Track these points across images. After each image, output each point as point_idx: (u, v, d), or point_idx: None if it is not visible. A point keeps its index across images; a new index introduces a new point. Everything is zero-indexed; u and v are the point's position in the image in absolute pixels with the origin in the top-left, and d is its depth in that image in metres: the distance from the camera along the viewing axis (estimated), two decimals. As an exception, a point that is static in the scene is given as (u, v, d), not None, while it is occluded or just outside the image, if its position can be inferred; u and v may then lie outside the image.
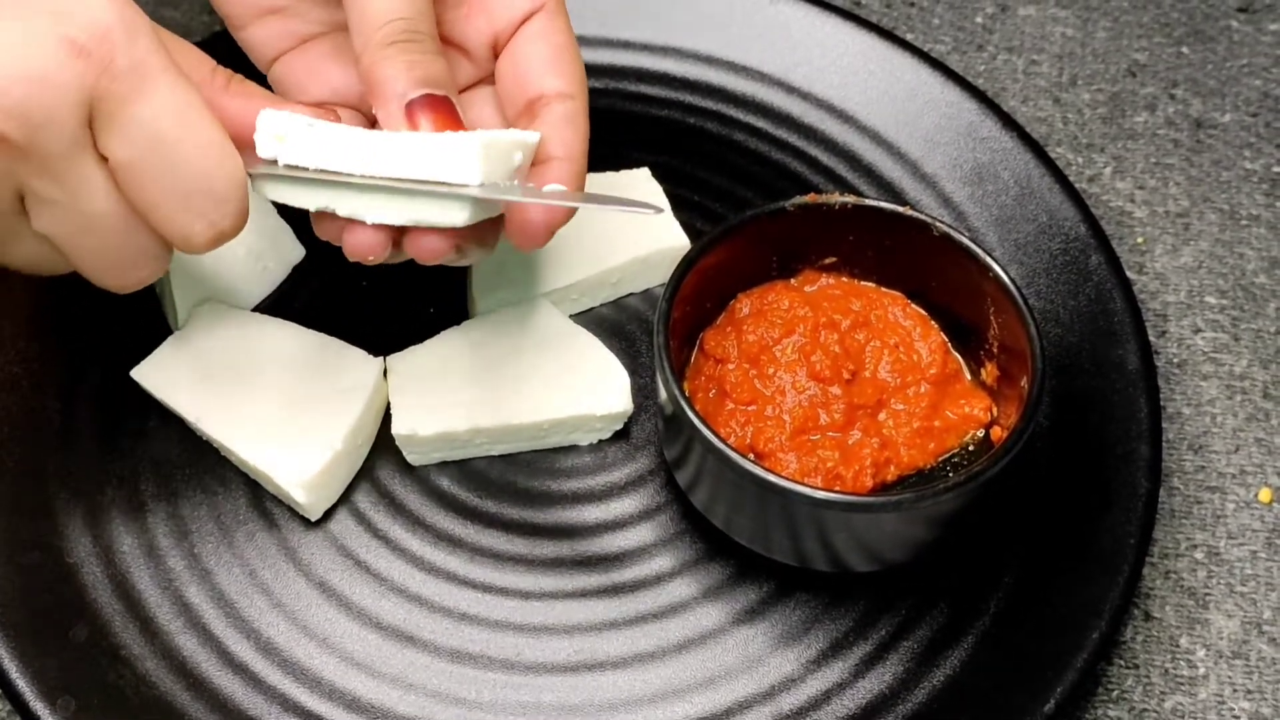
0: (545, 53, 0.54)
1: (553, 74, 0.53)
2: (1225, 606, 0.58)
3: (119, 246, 0.47)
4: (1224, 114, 0.73)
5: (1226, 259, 0.68)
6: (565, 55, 0.54)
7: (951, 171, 0.67)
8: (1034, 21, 0.77)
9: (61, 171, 0.45)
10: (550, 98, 0.53)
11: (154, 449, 0.59)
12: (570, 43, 0.54)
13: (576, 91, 0.53)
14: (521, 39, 0.54)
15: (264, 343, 0.60)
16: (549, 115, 0.53)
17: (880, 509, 0.52)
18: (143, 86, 0.44)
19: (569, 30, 0.54)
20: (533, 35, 0.54)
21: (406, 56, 0.50)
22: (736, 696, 0.54)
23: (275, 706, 0.53)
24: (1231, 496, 0.61)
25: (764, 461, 0.55)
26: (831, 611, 0.56)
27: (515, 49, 0.54)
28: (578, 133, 0.53)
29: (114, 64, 0.44)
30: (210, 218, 0.47)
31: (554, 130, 0.52)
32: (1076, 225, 0.64)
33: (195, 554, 0.57)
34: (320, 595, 0.56)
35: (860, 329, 0.59)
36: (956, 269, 0.57)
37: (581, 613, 0.56)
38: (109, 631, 0.54)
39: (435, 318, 0.63)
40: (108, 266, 0.48)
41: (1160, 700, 0.56)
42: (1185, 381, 0.64)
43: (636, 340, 0.63)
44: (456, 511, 0.59)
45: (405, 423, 0.58)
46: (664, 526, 0.58)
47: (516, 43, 0.54)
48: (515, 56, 0.54)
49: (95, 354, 0.61)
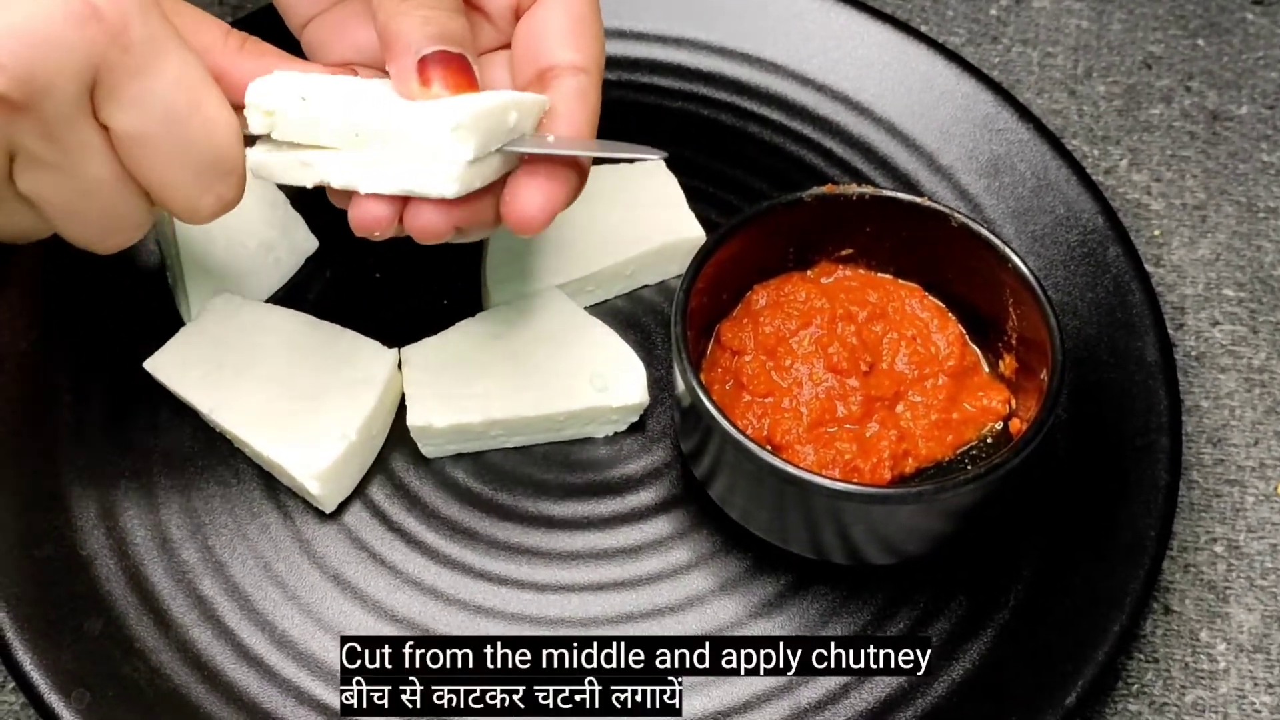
0: (563, 23, 0.52)
1: (568, 45, 0.51)
2: (1245, 600, 0.57)
3: (108, 212, 0.47)
4: (1240, 106, 0.73)
5: (1244, 251, 0.68)
6: (584, 27, 0.52)
7: (967, 164, 0.67)
8: (1049, 13, 0.77)
9: (60, 135, 0.44)
10: (562, 69, 0.51)
11: (167, 441, 0.59)
12: (592, 15, 0.52)
13: (591, 66, 0.51)
14: (542, 5, 0.52)
15: (277, 334, 0.60)
16: (559, 88, 0.51)
17: (899, 501, 0.51)
18: (155, 60, 0.44)
19: (593, 2, 0.53)
20: (554, 3, 0.52)
21: (423, 12, 0.49)
22: (755, 689, 0.54)
23: (290, 699, 0.53)
24: (1251, 490, 0.60)
25: (781, 454, 0.54)
26: (849, 605, 0.56)
27: (534, 15, 0.52)
28: (587, 108, 0.51)
29: (127, 34, 0.43)
30: (217, 190, 0.47)
31: (562, 104, 0.50)
32: (1094, 217, 0.64)
33: (209, 546, 0.56)
34: (335, 588, 0.56)
35: (877, 321, 0.58)
36: (974, 260, 0.57)
37: (598, 606, 0.56)
38: (123, 624, 0.54)
39: (449, 309, 0.63)
40: (93, 231, 0.48)
41: (1181, 694, 0.55)
42: (1204, 374, 0.64)
43: (652, 332, 0.63)
44: (471, 504, 0.58)
45: (420, 414, 0.58)
46: (680, 520, 0.58)
47: (537, 9, 0.52)
48: (533, 23, 0.52)
49: (108, 346, 0.61)
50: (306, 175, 0.49)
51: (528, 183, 0.49)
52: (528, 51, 0.52)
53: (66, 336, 0.61)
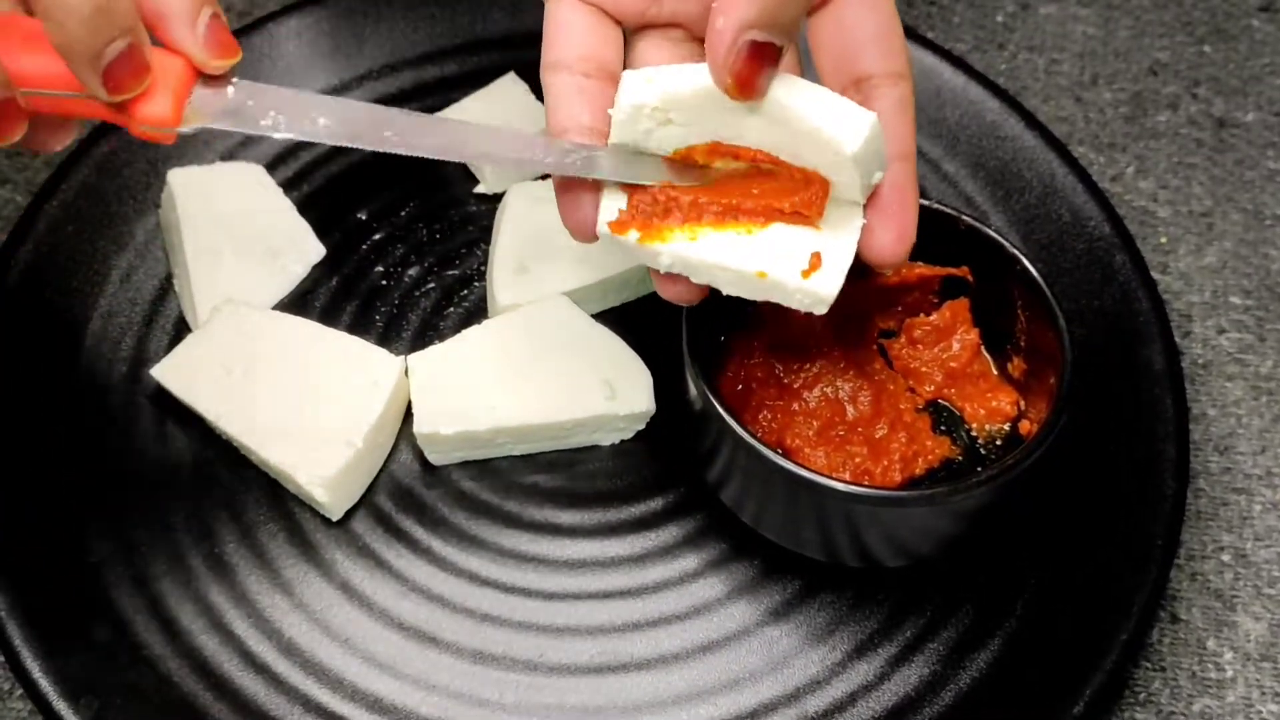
0: (872, 25, 0.48)
1: (882, 51, 0.48)
2: (1253, 609, 0.57)
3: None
4: (1247, 113, 0.73)
5: (1251, 259, 0.68)
6: (895, 27, 0.48)
7: (974, 170, 0.67)
8: (1055, 20, 0.77)
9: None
10: (880, 79, 0.48)
11: (174, 448, 0.59)
12: (896, 12, 0.49)
13: (909, 73, 0.48)
14: (842, 5, 0.49)
15: (284, 341, 0.60)
16: (880, 101, 0.48)
17: (913, 503, 0.51)
18: None
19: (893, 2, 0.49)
20: (855, 1, 0.48)
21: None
22: (761, 698, 0.54)
23: (297, 707, 0.53)
24: (1258, 498, 0.60)
25: (793, 457, 0.54)
26: (857, 612, 0.56)
27: (836, 16, 0.49)
28: (910, 121, 0.48)
29: None
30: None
31: (889, 118, 0.47)
32: (1100, 225, 0.64)
33: (216, 554, 0.56)
34: (341, 595, 0.56)
35: (887, 322, 0.58)
36: (982, 263, 0.57)
37: (605, 614, 0.56)
38: (131, 631, 0.54)
39: (456, 316, 0.63)
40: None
41: (1188, 703, 0.55)
42: (1210, 382, 0.64)
43: (659, 339, 0.63)
44: (478, 511, 0.58)
45: (427, 422, 0.58)
46: (687, 527, 0.58)
47: (837, 8, 0.49)
48: (840, 26, 0.49)
49: (115, 352, 0.61)
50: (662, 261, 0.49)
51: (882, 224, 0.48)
52: (835, 56, 0.49)
53: (74, 343, 0.61)
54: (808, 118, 0.46)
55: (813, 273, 0.47)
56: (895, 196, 0.48)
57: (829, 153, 0.46)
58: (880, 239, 0.48)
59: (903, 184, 0.48)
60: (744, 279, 0.48)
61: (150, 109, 0.46)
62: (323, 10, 0.71)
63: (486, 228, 0.66)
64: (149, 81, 0.45)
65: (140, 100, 0.46)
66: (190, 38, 0.46)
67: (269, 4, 0.76)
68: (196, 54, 0.46)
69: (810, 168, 0.47)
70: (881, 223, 0.48)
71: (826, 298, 0.47)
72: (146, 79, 0.45)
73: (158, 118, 0.46)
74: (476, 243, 0.65)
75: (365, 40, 0.71)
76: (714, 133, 0.47)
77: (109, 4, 0.43)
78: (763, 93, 0.45)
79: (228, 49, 0.46)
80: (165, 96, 0.46)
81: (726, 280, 0.48)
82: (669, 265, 0.49)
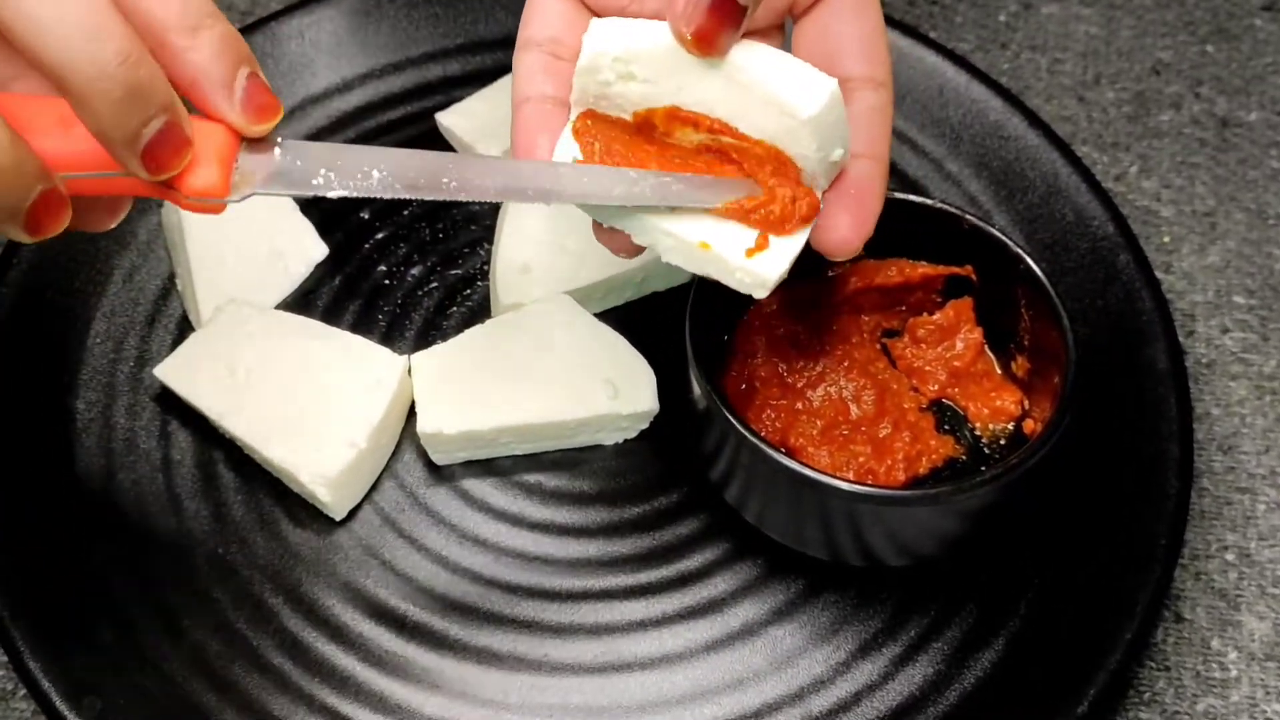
0: (857, 31, 0.48)
1: (863, 56, 0.48)
2: (1257, 608, 0.57)
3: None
4: (1250, 113, 0.73)
5: (1254, 258, 0.68)
6: (879, 36, 0.49)
7: (977, 170, 0.67)
8: (1057, 20, 0.77)
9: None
10: (859, 83, 0.48)
11: (176, 447, 0.59)
12: (883, 24, 0.49)
13: (888, 80, 0.48)
14: (828, 9, 0.49)
15: (287, 341, 0.60)
16: (856, 104, 0.47)
17: (917, 503, 0.51)
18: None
19: (880, 10, 0.49)
20: (841, 7, 0.49)
21: None
22: (766, 698, 0.54)
23: (302, 707, 0.53)
24: (1262, 497, 0.60)
25: (797, 456, 0.54)
26: (861, 612, 0.55)
27: (821, 20, 0.49)
28: (886, 129, 0.48)
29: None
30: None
31: (861, 122, 0.47)
32: (1104, 224, 0.64)
33: (219, 553, 0.56)
34: (345, 595, 0.56)
35: (890, 321, 0.58)
36: (986, 262, 0.57)
37: (609, 613, 0.56)
38: (134, 631, 0.54)
39: (459, 316, 0.63)
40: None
41: (1192, 703, 0.55)
42: (1214, 382, 0.64)
43: (662, 339, 0.63)
44: (482, 511, 0.58)
45: (430, 421, 0.58)
46: (691, 526, 0.58)
47: (823, 13, 0.49)
48: (822, 29, 0.49)
49: (118, 352, 0.61)
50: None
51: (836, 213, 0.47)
52: (818, 59, 0.48)
53: (77, 343, 0.61)
54: (766, 80, 0.45)
55: (758, 253, 0.46)
56: (859, 186, 0.47)
57: (786, 117, 0.45)
58: (835, 224, 0.47)
59: (869, 179, 0.48)
60: (686, 247, 0.47)
61: (197, 181, 0.43)
62: (325, 10, 0.70)
63: (489, 227, 0.66)
64: (190, 156, 0.43)
65: (186, 173, 0.43)
66: (228, 105, 0.43)
67: (271, 4, 0.76)
68: (236, 121, 0.44)
69: (769, 139, 0.46)
70: (839, 209, 0.47)
71: (768, 280, 0.46)
72: (188, 154, 0.43)
73: (205, 189, 0.44)
74: (479, 242, 0.65)
75: (367, 39, 0.71)
76: (674, 94, 0.46)
77: (141, 83, 0.41)
78: (723, 50, 0.45)
79: (269, 110, 0.44)
80: (211, 167, 0.43)
81: (668, 246, 0.47)
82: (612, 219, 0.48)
